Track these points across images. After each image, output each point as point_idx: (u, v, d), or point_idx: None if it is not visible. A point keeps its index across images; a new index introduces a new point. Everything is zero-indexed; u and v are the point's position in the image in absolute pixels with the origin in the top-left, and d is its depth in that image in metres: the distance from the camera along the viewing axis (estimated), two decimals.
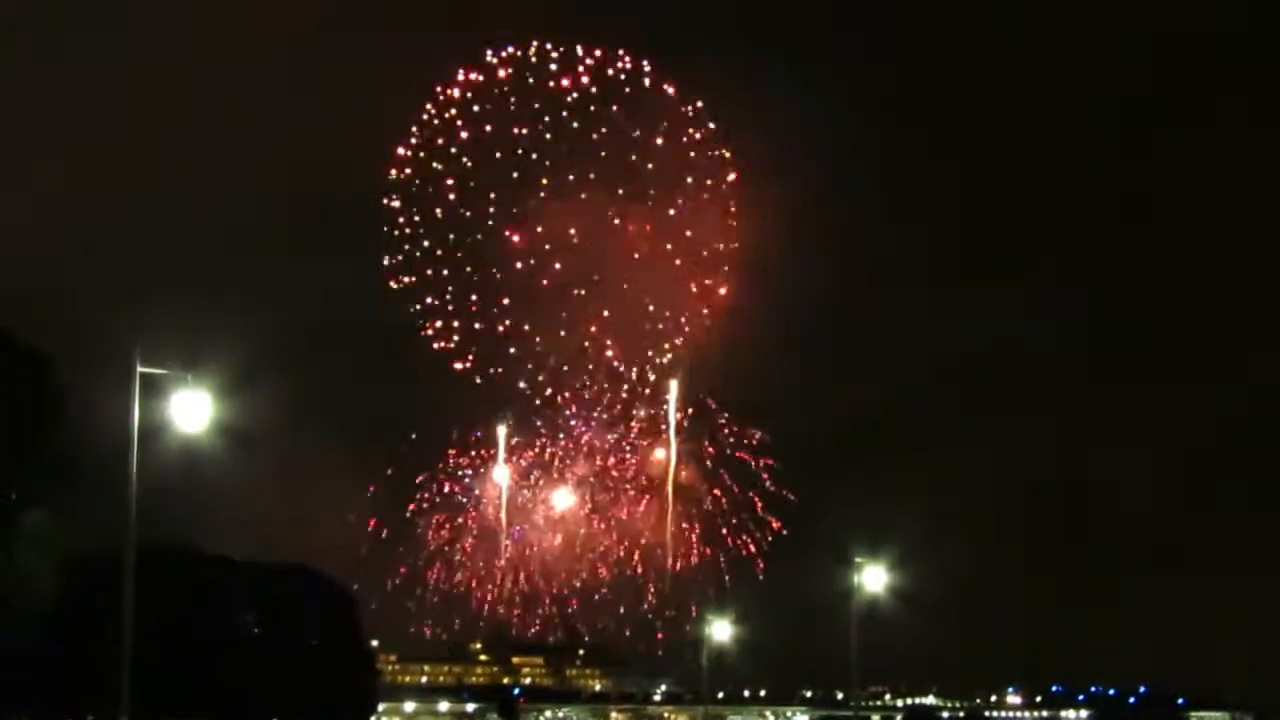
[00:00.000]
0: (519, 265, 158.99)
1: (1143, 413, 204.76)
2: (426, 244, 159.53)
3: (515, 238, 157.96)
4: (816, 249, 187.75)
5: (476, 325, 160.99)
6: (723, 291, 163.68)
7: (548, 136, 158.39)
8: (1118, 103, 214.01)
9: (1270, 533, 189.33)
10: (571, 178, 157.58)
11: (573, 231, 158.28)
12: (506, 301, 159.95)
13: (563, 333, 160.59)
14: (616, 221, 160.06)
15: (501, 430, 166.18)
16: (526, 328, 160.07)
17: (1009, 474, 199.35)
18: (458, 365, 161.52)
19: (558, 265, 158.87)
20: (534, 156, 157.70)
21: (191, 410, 36.57)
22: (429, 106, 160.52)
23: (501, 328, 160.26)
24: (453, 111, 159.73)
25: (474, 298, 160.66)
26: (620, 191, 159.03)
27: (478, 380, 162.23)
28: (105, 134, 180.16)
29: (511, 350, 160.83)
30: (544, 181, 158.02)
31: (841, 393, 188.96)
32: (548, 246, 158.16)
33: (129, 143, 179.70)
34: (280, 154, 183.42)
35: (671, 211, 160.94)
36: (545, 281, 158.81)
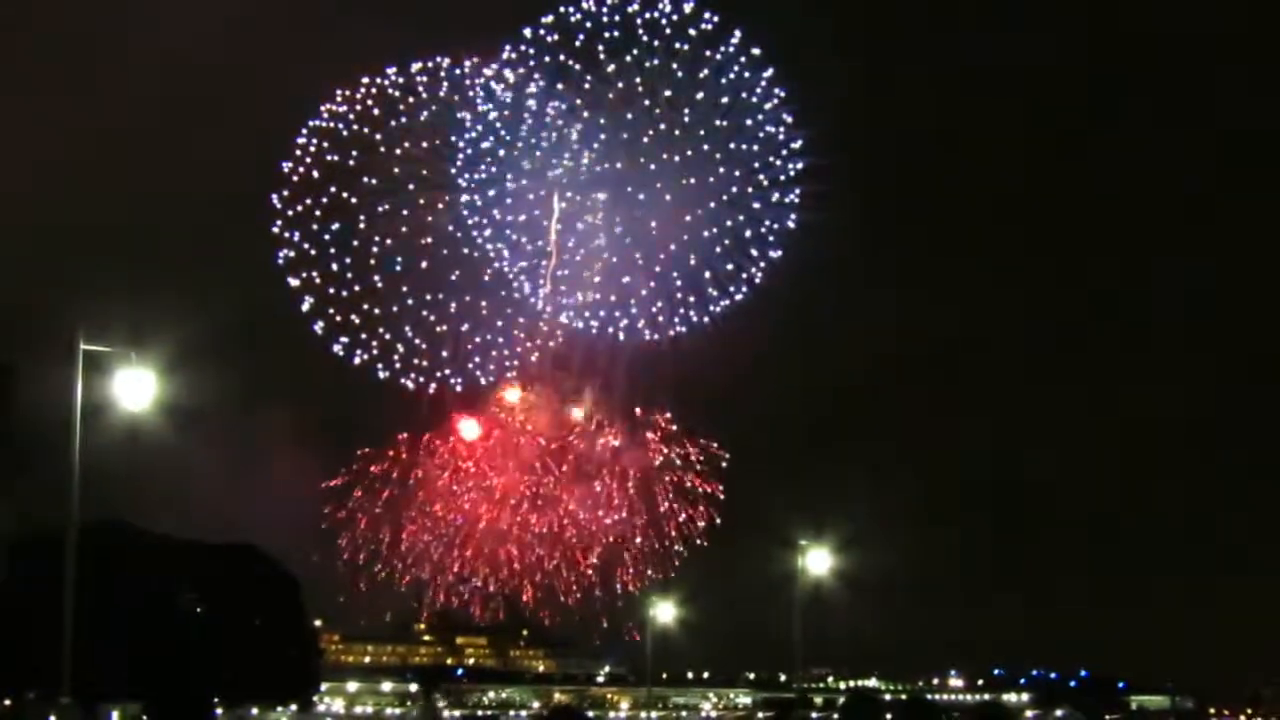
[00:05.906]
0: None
1: (1081, 408, 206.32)
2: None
3: None
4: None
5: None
6: None
7: None
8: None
9: (1208, 524, 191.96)
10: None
11: None
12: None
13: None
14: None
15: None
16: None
17: (951, 463, 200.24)
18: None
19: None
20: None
21: (135, 388, 36.38)
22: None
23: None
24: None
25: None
26: None
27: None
28: (42, 108, 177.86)
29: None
30: None
31: (788, 380, 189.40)
32: None
33: (69, 119, 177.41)
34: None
35: None
36: None
